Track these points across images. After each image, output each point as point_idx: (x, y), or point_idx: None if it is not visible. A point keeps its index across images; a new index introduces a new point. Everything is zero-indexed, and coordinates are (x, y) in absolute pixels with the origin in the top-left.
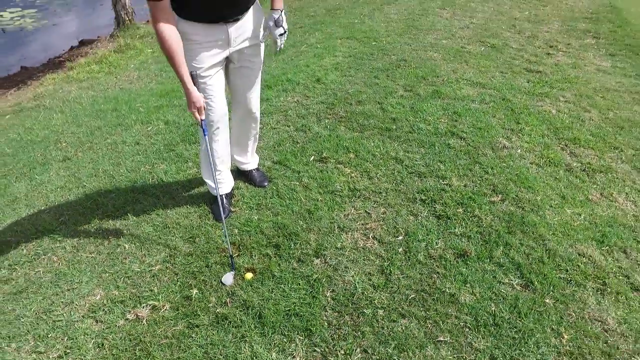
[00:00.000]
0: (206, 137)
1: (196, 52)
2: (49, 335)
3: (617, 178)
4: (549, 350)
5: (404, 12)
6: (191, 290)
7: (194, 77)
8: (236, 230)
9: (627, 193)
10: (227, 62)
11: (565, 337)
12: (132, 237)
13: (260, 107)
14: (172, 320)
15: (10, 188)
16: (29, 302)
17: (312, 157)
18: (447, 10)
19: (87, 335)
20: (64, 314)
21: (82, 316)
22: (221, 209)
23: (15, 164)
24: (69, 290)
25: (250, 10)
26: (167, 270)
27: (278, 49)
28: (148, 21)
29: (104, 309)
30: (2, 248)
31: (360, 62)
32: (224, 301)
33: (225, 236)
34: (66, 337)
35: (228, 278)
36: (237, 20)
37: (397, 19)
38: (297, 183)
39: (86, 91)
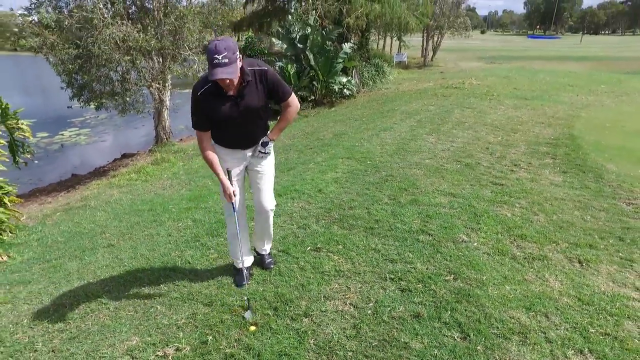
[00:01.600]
0: (235, 214)
1: (225, 164)
2: None
3: (550, 264)
4: None
5: (397, 137)
6: (207, 337)
7: (229, 173)
8: (245, 297)
9: (556, 275)
10: (246, 168)
11: None
12: (163, 301)
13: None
14: (191, 357)
15: (65, 266)
16: (80, 345)
17: (309, 247)
18: (433, 136)
19: None
20: (107, 352)
21: (122, 354)
22: (243, 278)
23: (67, 249)
24: (111, 337)
25: (255, 147)
26: (190, 324)
27: (257, 154)
28: (181, 139)
29: (138, 349)
30: (58, 308)
31: (356, 177)
32: (233, 344)
33: (246, 290)
34: None
35: (247, 314)
36: (247, 148)
37: (390, 142)
38: (296, 266)
39: (126, 195)
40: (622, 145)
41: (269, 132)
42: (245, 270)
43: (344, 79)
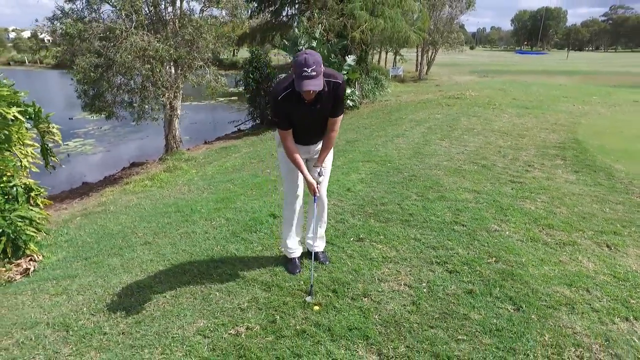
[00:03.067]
0: (315, 203)
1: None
2: (172, 345)
3: (581, 248)
4: (535, 343)
5: (411, 143)
6: (275, 317)
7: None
8: (302, 282)
9: (588, 257)
10: (306, 161)
11: (547, 336)
12: (220, 288)
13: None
14: (263, 334)
15: (106, 262)
16: (148, 327)
17: (352, 238)
18: (446, 141)
19: (200, 344)
20: (178, 333)
21: (193, 334)
22: (297, 265)
23: (101, 248)
24: (177, 320)
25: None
26: (253, 307)
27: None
28: (189, 149)
29: (209, 329)
30: (114, 298)
31: (380, 178)
32: (301, 322)
33: (312, 274)
34: (185, 345)
35: (308, 298)
36: (314, 144)
37: (405, 147)
38: (343, 254)
39: (144, 200)
40: (624, 149)
41: (318, 161)
42: (297, 260)
43: (348, 90)
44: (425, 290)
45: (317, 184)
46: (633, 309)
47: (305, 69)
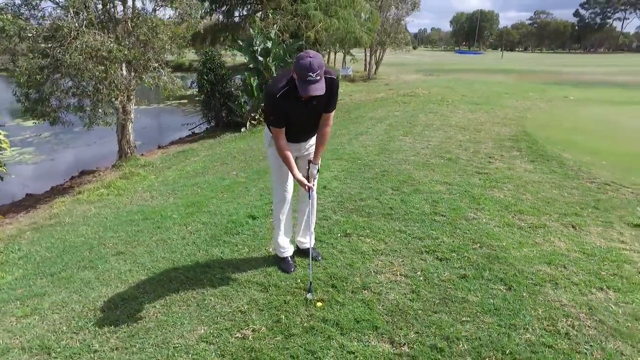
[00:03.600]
0: (309, 197)
1: None
2: (175, 355)
3: (551, 230)
4: (531, 318)
5: (376, 140)
6: (279, 316)
7: (309, 164)
8: (299, 280)
9: (559, 237)
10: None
11: (540, 310)
12: (214, 293)
13: None
14: (271, 335)
15: (77, 276)
16: (144, 340)
17: (339, 234)
18: (409, 137)
19: (207, 351)
20: (180, 342)
21: (196, 342)
22: (291, 264)
23: (66, 262)
24: (175, 329)
25: (313, 138)
26: (254, 309)
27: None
28: (143, 154)
29: (212, 335)
30: (97, 313)
31: (353, 175)
32: (307, 319)
33: (310, 271)
34: (190, 354)
35: (309, 295)
36: (305, 141)
37: (371, 144)
38: (334, 250)
39: (104, 209)
40: (567, 139)
41: (314, 158)
42: (289, 258)
43: None
44: (421, 278)
45: (314, 179)
46: (605, 279)
47: (311, 73)
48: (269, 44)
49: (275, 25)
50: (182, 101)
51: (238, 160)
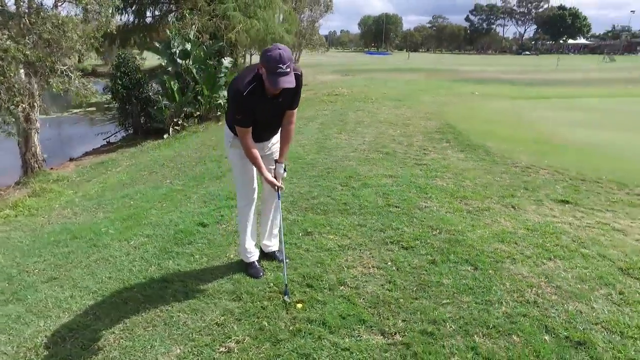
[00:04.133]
0: (279, 201)
1: None
2: None
3: (496, 212)
4: (502, 292)
5: (312, 139)
6: (261, 323)
7: (275, 163)
8: (272, 284)
9: (504, 218)
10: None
11: (507, 284)
12: (181, 308)
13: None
14: (257, 344)
15: (4, 310)
16: None
17: (300, 233)
18: (344, 135)
19: None
20: None
21: None
22: (258, 269)
23: None
24: (145, 354)
25: (276, 137)
26: (230, 319)
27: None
28: (52, 168)
29: (192, 354)
30: (42, 350)
31: (298, 174)
32: (292, 322)
33: (284, 272)
34: None
35: (286, 298)
36: (268, 140)
37: (308, 143)
38: (299, 250)
39: (15, 232)
40: (485, 130)
41: (280, 157)
42: (256, 263)
43: None
44: (394, 268)
45: (282, 179)
46: (550, 250)
47: (281, 65)
48: (188, 46)
49: (193, 26)
50: (89, 109)
51: (169, 167)
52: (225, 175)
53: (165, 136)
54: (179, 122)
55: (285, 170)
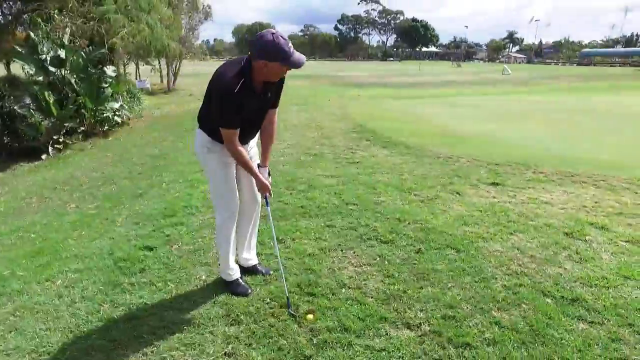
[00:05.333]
0: (268, 207)
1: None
2: None
3: (446, 199)
4: (492, 268)
5: None
6: (278, 343)
7: (259, 168)
8: (268, 300)
9: (454, 204)
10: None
11: (492, 261)
12: (172, 346)
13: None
14: None
15: None
16: None
17: (271, 242)
18: None
19: None
20: None
21: None
22: (245, 286)
23: None
24: None
25: (254, 140)
26: (240, 346)
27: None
28: None
29: None
30: None
31: None
32: (311, 335)
33: (284, 283)
34: None
35: (291, 310)
36: (248, 144)
37: None
38: (281, 259)
39: None
40: (393, 127)
41: (264, 160)
42: (240, 279)
43: (116, 105)
44: (385, 262)
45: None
46: (507, 226)
47: (290, 46)
48: (62, 52)
49: (67, 29)
50: None
51: (65, 191)
52: (148, 193)
53: (43, 157)
54: (60, 140)
55: (270, 174)
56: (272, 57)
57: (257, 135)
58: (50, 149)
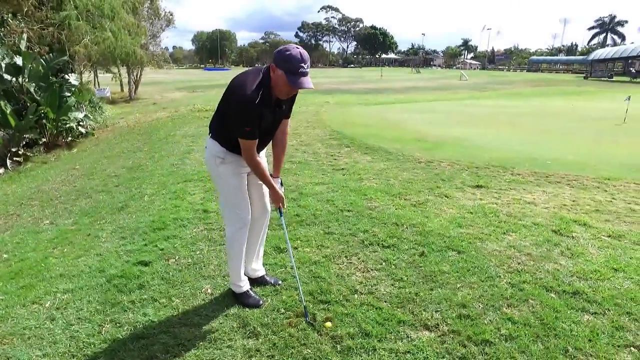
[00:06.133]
0: (282, 218)
1: (246, 169)
2: None
3: (435, 202)
4: (495, 267)
5: None
6: (303, 353)
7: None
8: (283, 310)
9: (445, 206)
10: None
11: (493, 260)
12: None
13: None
14: None
15: None
16: None
17: (274, 252)
18: None
19: None
20: None
21: None
22: (256, 297)
23: None
24: None
25: (265, 149)
26: (263, 358)
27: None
28: None
29: None
30: None
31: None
32: (333, 342)
33: (300, 294)
34: None
35: (308, 318)
36: (259, 154)
37: None
38: (284, 269)
39: None
40: (369, 133)
41: (276, 171)
42: (250, 291)
43: (80, 115)
44: (392, 267)
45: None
46: (499, 226)
47: (303, 64)
48: (19, 60)
49: (24, 35)
50: None
51: (34, 207)
52: (130, 206)
53: (1, 170)
54: (20, 152)
55: (282, 184)
56: (281, 64)
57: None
58: (8, 162)
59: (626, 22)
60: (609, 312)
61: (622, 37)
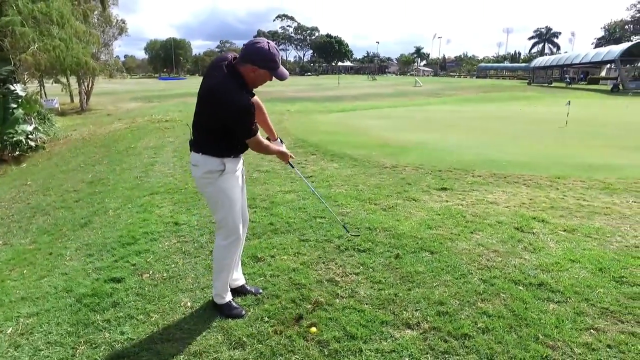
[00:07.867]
0: (296, 169)
1: (235, 173)
2: None
3: (405, 205)
4: (467, 265)
5: (176, 167)
6: (291, 359)
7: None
8: (266, 318)
9: (415, 209)
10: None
11: (464, 257)
12: None
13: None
14: None
15: None
16: None
17: (251, 261)
18: None
19: None
20: None
21: None
22: (239, 307)
23: None
24: None
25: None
26: None
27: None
28: None
29: None
30: None
31: (190, 204)
32: (320, 347)
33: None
34: None
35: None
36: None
37: (175, 172)
38: (263, 278)
39: None
40: (333, 140)
41: (271, 134)
42: (232, 301)
43: (29, 127)
44: (370, 270)
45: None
46: (467, 226)
47: (278, 57)
48: None
49: None
50: None
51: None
52: (94, 222)
53: None
54: None
55: (282, 141)
56: (263, 64)
57: None
58: None
59: (560, 33)
60: (570, 299)
61: (558, 47)
